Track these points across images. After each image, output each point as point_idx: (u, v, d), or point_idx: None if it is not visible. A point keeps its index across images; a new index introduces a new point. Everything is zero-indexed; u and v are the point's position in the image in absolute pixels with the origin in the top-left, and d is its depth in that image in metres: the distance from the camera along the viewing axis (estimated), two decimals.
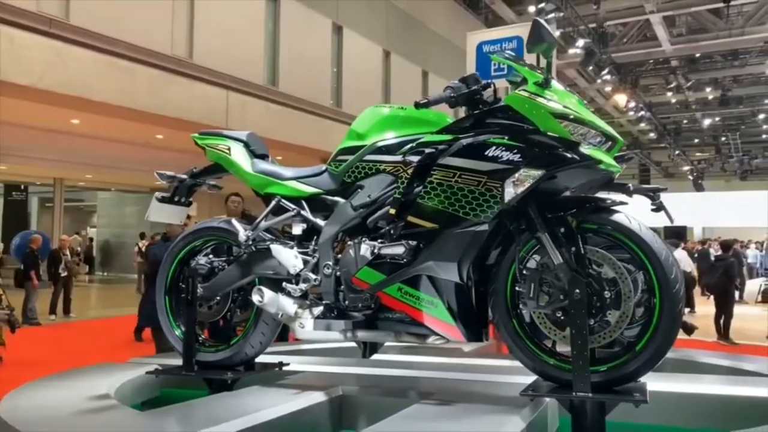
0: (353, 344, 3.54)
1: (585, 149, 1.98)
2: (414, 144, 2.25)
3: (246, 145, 2.68)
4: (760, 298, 14.40)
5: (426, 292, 2.15)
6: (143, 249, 16.25)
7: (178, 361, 2.64)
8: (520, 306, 2.12)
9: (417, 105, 2.21)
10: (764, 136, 28.96)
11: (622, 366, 1.99)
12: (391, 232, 2.23)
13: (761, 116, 25.19)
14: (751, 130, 27.91)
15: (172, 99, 9.78)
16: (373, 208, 2.32)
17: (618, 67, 17.38)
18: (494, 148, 2.04)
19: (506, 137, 2.04)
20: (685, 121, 26.91)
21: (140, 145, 12.20)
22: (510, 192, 2.00)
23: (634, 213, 2.10)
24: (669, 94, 22.80)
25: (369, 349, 3.77)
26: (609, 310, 1.99)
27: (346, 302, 2.32)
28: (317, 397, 2.36)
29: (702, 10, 17.04)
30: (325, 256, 2.37)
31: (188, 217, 4.99)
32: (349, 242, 2.36)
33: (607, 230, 2.04)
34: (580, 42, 14.35)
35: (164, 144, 12.24)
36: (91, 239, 21.12)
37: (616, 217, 2.04)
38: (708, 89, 22.65)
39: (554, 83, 2.08)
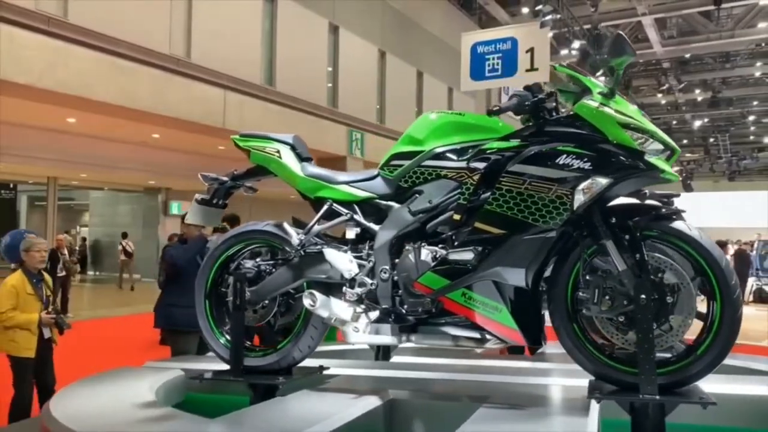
0: (365, 347, 3.62)
1: (649, 158, 2.05)
2: (477, 150, 2.27)
3: (293, 148, 2.67)
4: (751, 298, 14.58)
5: (491, 297, 2.18)
6: (126, 248, 16.28)
7: (201, 365, 2.65)
8: (583, 311, 2.16)
9: (490, 112, 2.26)
10: (752, 138, 29.29)
11: (683, 369, 2.06)
12: (453, 237, 2.25)
13: (750, 118, 25.51)
14: (739, 132, 28.23)
15: (170, 99, 9.75)
16: (433, 213, 2.34)
17: (611, 69, 17.49)
18: (565, 156, 2.08)
19: (576, 145, 2.08)
20: (675, 122, 27.17)
21: (136, 144, 12.15)
22: (579, 199, 2.05)
23: None
24: (660, 95, 23.02)
25: (383, 352, 3.82)
26: (671, 315, 2.05)
27: (405, 306, 2.33)
28: (372, 401, 2.37)
29: (693, 13, 17.23)
30: (382, 260, 2.38)
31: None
32: (407, 247, 2.36)
33: (668, 237, 2.10)
34: (576, 43, 14.45)
35: (160, 143, 12.21)
36: (84, 239, 21.00)
37: (676, 224, 2.11)
38: (698, 91, 22.90)
39: (617, 94, 2.12)
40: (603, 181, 2.04)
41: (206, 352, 4.73)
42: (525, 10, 16.08)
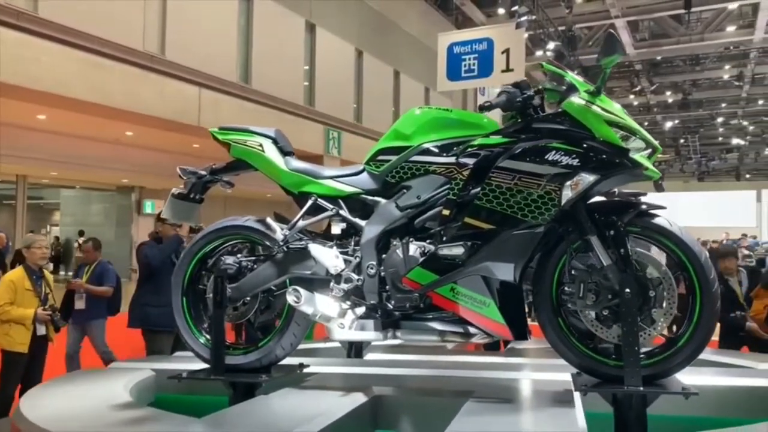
0: (337, 345, 3.61)
1: (633, 155, 2.10)
2: (466, 146, 2.29)
3: (275, 141, 2.63)
4: None
5: (479, 292, 2.20)
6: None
7: (171, 365, 2.61)
8: (568, 305, 2.21)
9: (482, 108, 2.28)
10: (721, 139, 29.97)
11: (665, 361, 2.13)
12: (442, 233, 2.25)
13: (719, 119, 26.09)
14: (709, 133, 28.87)
15: (144, 96, 9.61)
16: (422, 208, 2.35)
17: (585, 69, 17.78)
18: (554, 152, 2.12)
19: (564, 142, 2.12)
20: (646, 123, 27.67)
21: (109, 142, 11.95)
22: (567, 195, 2.09)
23: None
24: (632, 96, 23.41)
25: (355, 349, 3.82)
26: (654, 308, 2.12)
27: (392, 302, 2.33)
28: (357, 399, 2.36)
29: (664, 16, 17.59)
30: (368, 255, 2.37)
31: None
32: (394, 242, 2.36)
33: (649, 233, 2.17)
34: (551, 44, 14.62)
35: (133, 141, 12.03)
36: (57, 238, 20.56)
37: (658, 220, 2.18)
38: (669, 93, 23.36)
39: (603, 93, 2.17)
40: (590, 177, 2.08)
41: (181, 350, 4.71)
42: (501, 11, 16.22)
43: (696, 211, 27.15)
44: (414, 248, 2.30)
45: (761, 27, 16.57)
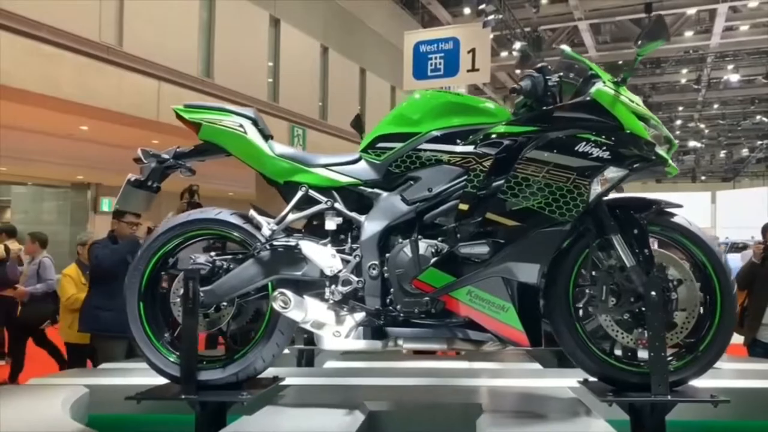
0: (286, 352, 3.34)
1: (658, 150, 1.99)
2: (484, 134, 2.09)
3: (254, 123, 2.31)
4: None
5: (499, 295, 2.02)
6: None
7: (101, 380, 2.30)
8: (588, 309, 2.08)
9: (513, 90, 2.11)
10: (678, 142, 30.68)
11: (686, 367, 2.04)
12: (456, 230, 2.05)
13: (677, 122, 26.73)
14: None
15: (99, 88, 9.21)
16: (433, 202, 2.13)
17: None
18: (584, 143, 1.97)
19: (594, 133, 1.97)
20: None
21: (62, 136, 11.45)
22: (596, 190, 1.94)
23: None
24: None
25: (306, 357, 3.54)
26: (676, 311, 2.01)
27: (398, 307, 2.10)
28: (352, 418, 2.12)
29: (625, 20, 17.92)
30: (369, 255, 2.13)
31: (138, 215, 4.67)
32: (400, 240, 2.13)
33: (670, 232, 2.06)
34: (517, 44, 14.66)
35: (89, 136, 11.56)
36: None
37: (677, 219, 2.07)
38: None
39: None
40: (620, 171, 1.96)
41: (136, 357, 4.45)
42: (467, 10, 16.23)
43: None
44: (425, 247, 2.08)
45: (717, 33, 17.02)
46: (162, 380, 2.69)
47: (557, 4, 16.33)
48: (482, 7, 12.43)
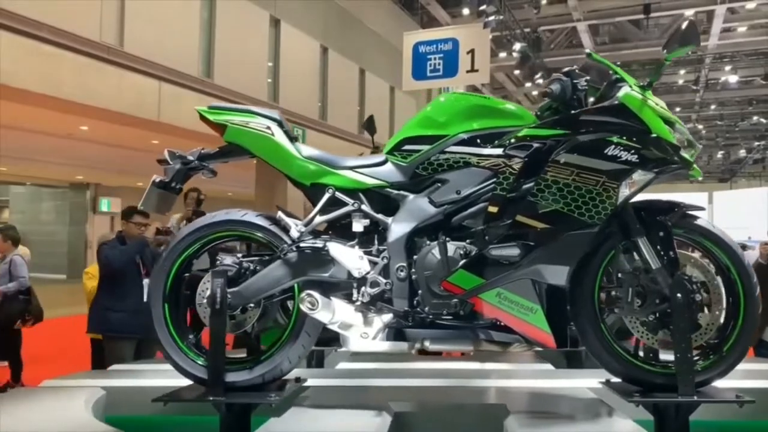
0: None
1: (684, 153, 2.02)
2: (512, 137, 2.11)
3: (280, 125, 2.31)
4: None
5: (527, 297, 2.03)
6: None
7: (110, 381, 2.28)
8: (615, 310, 2.10)
9: (545, 94, 2.12)
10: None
11: (711, 368, 2.07)
12: (484, 232, 2.06)
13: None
14: None
15: (100, 89, 9.19)
16: (461, 204, 2.14)
17: (548, 71, 17.98)
18: (613, 147, 1.98)
19: (623, 137, 1.99)
20: None
21: (62, 136, 11.42)
22: (624, 193, 1.98)
23: None
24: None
25: (316, 358, 3.55)
26: (700, 313, 2.04)
27: (426, 308, 2.11)
28: (379, 419, 2.13)
29: (623, 21, 17.97)
30: (397, 256, 2.13)
31: (147, 216, 4.66)
32: (427, 242, 2.15)
33: (694, 235, 2.09)
34: (517, 45, 14.71)
35: (88, 136, 11.54)
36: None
37: (701, 222, 2.11)
38: None
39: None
40: (648, 175, 2.00)
41: (144, 358, 4.44)
42: (466, 11, 16.25)
43: None
44: (453, 249, 2.08)
45: (715, 33, 17.08)
46: (174, 381, 2.69)
47: (556, 5, 16.36)
48: (483, 7, 12.51)
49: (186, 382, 2.28)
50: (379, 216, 2.21)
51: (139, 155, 12.30)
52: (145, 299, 4.43)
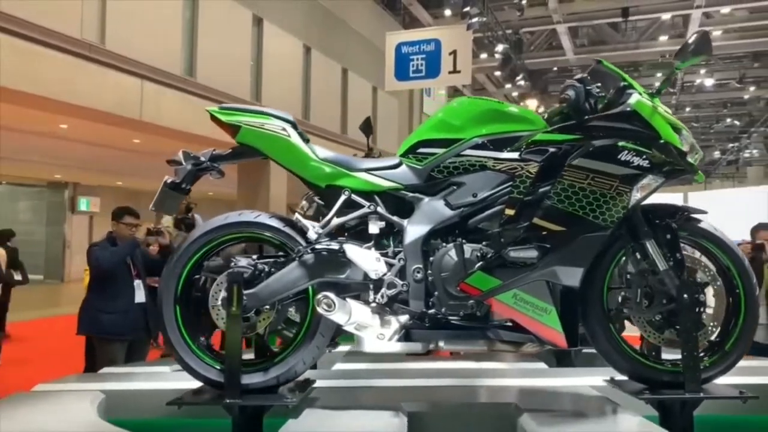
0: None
1: (689, 159, 2.11)
2: (528, 142, 2.16)
3: (294, 126, 2.31)
4: None
5: (542, 298, 2.07)
6: None
7: (106, 384, 2.25)
8: (623, 310, 2.18)
9: (563, 100, 2.16)
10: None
11: (714, 365, 2.16)
12: (500, 234, 2.11)
13: None
14: None
15: (80, 87, 9.04)
16: (478, 207, 2.18)
17: (529, 73, 18.18)
18: (626, 152, 2.05)
19: (635, 143, 2.06)
20: None
21: (41, 134, 11.22)
22: (636, 197, 2.04)
23: None
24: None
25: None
26: (704, 313, 2.13)
27: (443, 309, 2.14)
28: (395, 419, 2.14)
29: (602, 24, 18.22)
30: (414, 258, 2.16)
31: (137, 217, 4.62)
32: (444, 244, 2.18)
33: (697, 237, 2.18)
34: (500, 47, 14.82)
35: (69, 135, 11.36)
36: None
37: (704, 225, 2.19)
38: None
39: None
40: (658, 179, 2.06)
41: (135, 360, 4.39)
42: (448, 12, 16.33)
43: None
44: (469, 251, 2.13)
45: (689, 37, 17.40)
46: (173, 384, 2.68)
47: (537, 7, 16.52)
48: (467, 9, 12.58)
49: (184, 384, 2.28)
50: (395, 218, 2.23)
51: (120, 154, 12.15)
52: (136, 300, 4.50)
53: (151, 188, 2.37)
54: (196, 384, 2.28)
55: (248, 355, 2.31)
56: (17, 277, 8.74)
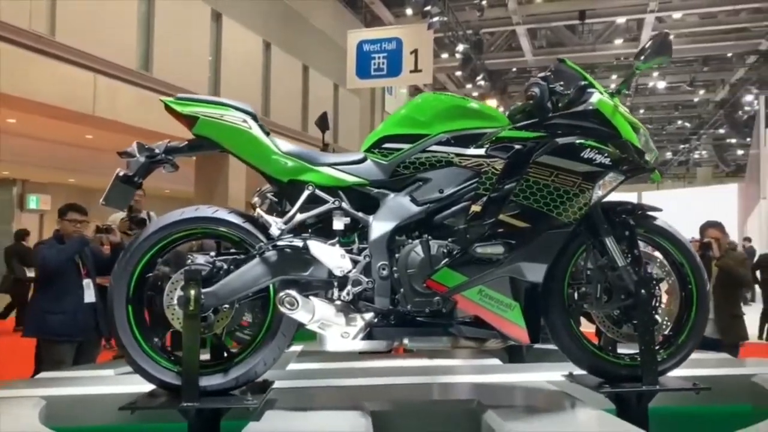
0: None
1: (647, 157, 2.16)
2: (492, 138, 2.16)
3: (254, 118, 2.22)
4: None
5: (506, 294, 2.07)
6: None
7: (47, 390, 2.14)
8: (583, 306, 2.21)
9: (529, 97, 2.15)
10: None
11: (669, 358, 2.22)
12: (466, 231, 2.10)
13: None
14: None
15: (29, 80, 8.70)
16: (444, 203, 2.15)
17: (489, 73, 18.39)
18: (589, 150, 2.07)
19: (597, 141, 2.09)
20: None
21: None
22: (597, 194, 2.07)
23: None
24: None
25: None
26: (659, 308, 2.20)
27: (408, 306, 2.11)
28: (359, 419, 2.09)
29: (560, 26, 18.59)
30: (379, 255, 2.12)
31: (84, 213, 4.44)
32: (409, 241, 2.15)
33: (653, 234, 2.24)
34: (460, 47, 14.94)
35: (17, 130, 10.92)
36: None
37: (659, 222, 2.25)
38: None
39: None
40: (619, 177, 2.10)
41: (84, 362, 4.24)
42: (409, 11, 16.37)
43: None
44: (436, 247, 2.10)
45: (645, 40, 17.87)
46: (119, 388, 2.57)
47: (496, 8, 16.72)
48: (428, 8, 12.64)
49: (130, 387, 2.18)
50: (360, 214, 2.19)
51: (72, 150, 11.77)
52: (86, 300, 4.34)
53: (105, 186, 2.26)
54: (142, 387, 2.18)
55: (203, 356, 2.23)
56: (30, 273, 8.75)
